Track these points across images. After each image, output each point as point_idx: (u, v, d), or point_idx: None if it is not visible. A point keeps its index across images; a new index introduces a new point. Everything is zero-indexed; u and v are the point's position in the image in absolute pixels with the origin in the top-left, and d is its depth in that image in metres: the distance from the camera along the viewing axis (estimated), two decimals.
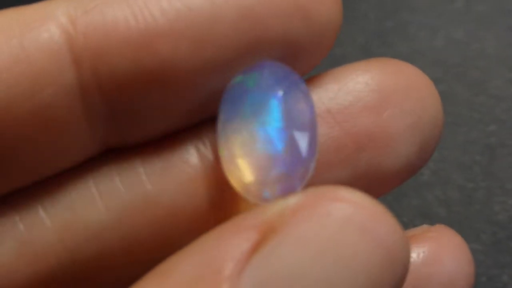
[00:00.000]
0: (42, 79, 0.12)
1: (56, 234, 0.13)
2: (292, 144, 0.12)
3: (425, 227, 0.14)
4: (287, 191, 0.12)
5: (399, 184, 0.14)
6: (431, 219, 0.22)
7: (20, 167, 0.13)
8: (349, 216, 0.10)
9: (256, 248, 0.10)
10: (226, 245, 0.10)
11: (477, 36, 0.25)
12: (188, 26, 0.12)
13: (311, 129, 0.12)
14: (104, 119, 0.13)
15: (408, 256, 0.11)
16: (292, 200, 0.11)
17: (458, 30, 0.25)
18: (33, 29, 0.12)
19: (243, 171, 0.12)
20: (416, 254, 0.14)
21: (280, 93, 0.12)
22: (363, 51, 0.25)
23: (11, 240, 0.13)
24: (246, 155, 0.12)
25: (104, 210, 0.13)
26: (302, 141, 0.12)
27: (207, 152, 0.13)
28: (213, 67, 0.12)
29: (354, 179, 0.13)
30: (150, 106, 0.13)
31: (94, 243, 0.13)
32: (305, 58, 0.13)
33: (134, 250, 0.13)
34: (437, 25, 0.25)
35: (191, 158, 0.13)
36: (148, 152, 0.13)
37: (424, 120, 0.13)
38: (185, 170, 0.13)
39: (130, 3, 0.12)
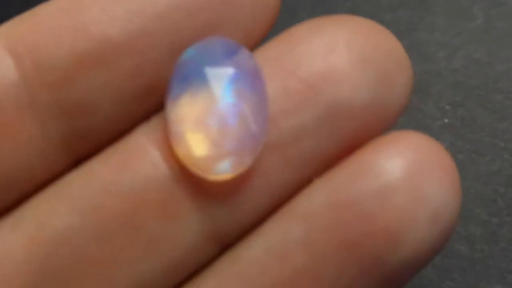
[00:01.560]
0: None
1: (25, 250, 0.13)
2: (243, 119, 0.13)
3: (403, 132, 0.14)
4: (238, 166, 0.13)
5: (375, 121, 0.14)
6: (452, 258, 0.21)
7: None
8: None
9: None
10: None
11: (499, 56, 0.24)
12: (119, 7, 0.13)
13: (262, 104, 0.13)
14: (56, 116, 0.13)
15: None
16: None
17: (479, 50, 0.25)
18: None
19: (194, 146, 0.13)
20: (400, 172, 0.13)
21: (231, 69, 0.13)
22: None
23: None
24: (198, 130, 0.13)
25: (66, 214, 0.13)
26: (253, 116, 0.13)
27: (158, 135, 0.14)
28: (152, 43, 0.13)
29: (317, 122, 0.13)
30: (97, 92, 0.13)
31: (64, 251, 0.13)
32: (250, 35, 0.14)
33: (105, 247, 0.13)
34: (456, 44, 0.25)
35: (143, 144, 0.14)
36: (104, 151, 0.14)
37: (376, 55, 0.14)
38: (137, 156, 0.13)
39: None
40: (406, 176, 0.13)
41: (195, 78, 0.13)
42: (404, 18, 0.25)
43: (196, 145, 0.13)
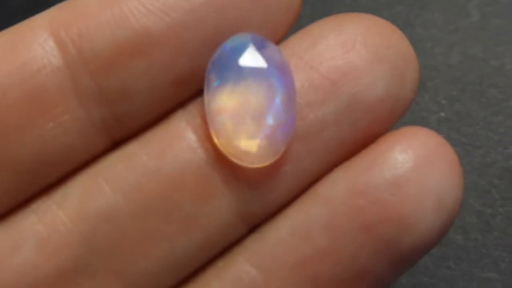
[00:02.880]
0: (31, 67, 0.14)
1: (70, 225, 0.14)
2: (276, 112, 0.14)
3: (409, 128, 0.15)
4: (272, 155, 0.14)
5: (389, 114, 0.15)
6: (448, 247, 0.22)
7: (33, 166, 0.14)
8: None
9: None
10: None
11: (494, 52, 0.25)
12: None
13: (291, 96, 0.14)
14: (97, 100, 0.14)
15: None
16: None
17: (475, 46, 0.25)
18: (21, 34, 0.14)
19: (233, 137, 0.14)
20: (411, 165, 0.14)
21: (264, 64, 0.14)
22: None
23: (30, 239, 0.14)
24: (236, 121, 0.14)
25: (111, 193, 0.14)
26: (284, 108, 0.14)
27: (196, 122, 0.15)
28: (186, 36, 0.14)
29: (339, 114, 0.15)
30: (137, 79, 0.14)
31: (108, 227, 0.14)
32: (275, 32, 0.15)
33: (145, 224, 0.14)
34: (452, 41, 0.25)
35: (182, 130, 0.15)
36: (145, 135, 0.15)
37: (389, 54, 0.15)
38: (177, 141, 0.14)
39: None
40: (416, 168, 0.14)
41: (232, 72, 0.14)
42: (401, 14, 0.26)
43: (235, 136, 0.14)
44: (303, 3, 0.15)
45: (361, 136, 0.15)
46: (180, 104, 0.15)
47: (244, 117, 0.14)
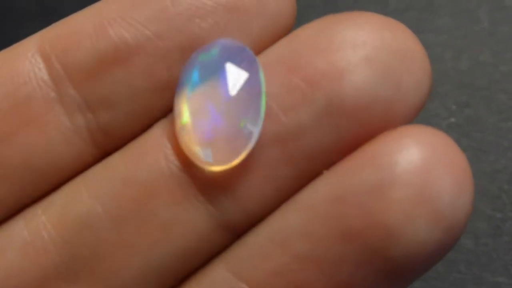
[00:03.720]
0: (18, 79, 0.15)
1: (52, 231, 0.15)
2: (233, 114, 0.14)
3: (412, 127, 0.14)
4: (229, 158, 0.14)
5: (381, 119, 0.14)
6: (458, 251, 0.22)
7: (22, 176, 0.15)
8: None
9: None
10: None
11: (504, 57, 0.25)
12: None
13: (255, 100, 0.14)
14: (82, 110, 0.15)
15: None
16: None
17: (484, 52, 0.25)
18: (13, 52, 0.15)
19: (188, 137, 0.14)
20: (402, 168, 0.13)
21: (228, 65, 0.14)
22: None
23: (16, 244, 0.15)
24: (193, 123, 0.14)
25: (89, 200, 0.15)
26: (244, 112, 0.14)
27: (170, 128, 0.15)
28: (163, 45, 0.14)
29: (318, 118, 0.14)
30: (117, 88, 0.15)
31: (88, 234, 0.14)
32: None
33: (122, 232, 0.14)
34: (462, 46, 0.25)
35: (158, 138, 0.15)
36: (126, 145, 0.15)
37: (382, 50, 0.13)
38: (152, 149, 0.15)
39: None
40: (407, 172, 0.13)
41: (196, 75, 0.14)
42: (411, 20, 0.26)
43: (191, 137, 0.14)
44: (312, 11, 0.15)
45: (346, 142, 0.14)
46: (165, 113, 0.15)
47: (199, 120, 0.14)
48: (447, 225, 0.13)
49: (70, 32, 0.15)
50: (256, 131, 0.14)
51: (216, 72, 0.14)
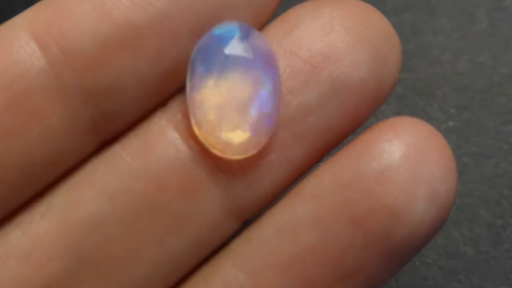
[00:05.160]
0: (13, 71, 0.14)
1: (54, 236, 0.14)
2: (260, 102, 0.14)
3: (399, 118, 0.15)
4: (255, 146, 0.14)
5: (374, 94, 0.15)
6: (458, 259, 0.22)
7: (20, 176, 0.14)
8: None
9: None
10: None
11: (503, 59, 0.25)
12: None
13: (276, 85, 0.14)
14: (84, 100, 0.14)
15: None
16: None
17: (483, 53, 0.25)
18: (1, 38, 0.14)
19: (216, 128, 0.14)
20: (399, 153, 0.14)
21: (249, 53, 0.14)
22: None
23: (15, 253, 0.14)
24: (219, 113, 0.14)
25: (95, 199, 0.14)
26: (269, 98, 0.14)
27: (177, 119, 0.15)
28: (172, 26, 0.14)
29: (323, 98, 0.15)
30: (124, 75, 0.14)
31: (95, 235, 0.14)
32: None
33: (133, 228, 0.14)
34: (460, 48, 0.25)
35: (163, 128, 0.15)
36: (126, 137, 0.15)
37: (369, 34, 0.15)
38: (158, 140, 0.14)
39: None
40: (405, 157, 0.14)
41: (218, 61, 0.14)
42: (408, 21, 0.26)
43: (217, 126, 0.14)
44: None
45: (348, 119, 0.15)
46: (169, 98, 0.15)
47: (227, 107, 0.14)
48: (441, 203, 0.14)
49: (66, 13, 0.14)
50: (277, 116, 0.14)
51: (235, 58, 0.14)
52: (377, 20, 0.15)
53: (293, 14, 0.15)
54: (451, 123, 0.24)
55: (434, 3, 0.26)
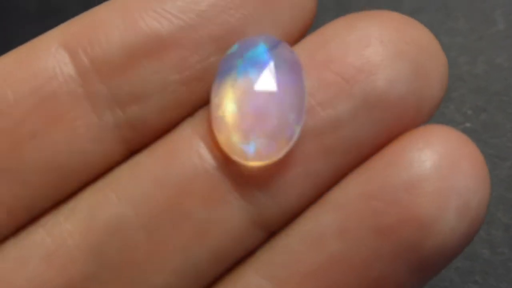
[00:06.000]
0: (42, 75, 0.14)
1: (78, 238, 0.14)
2: (280, 108, 0.14)
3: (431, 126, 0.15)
4: (274, 152, 0.14)
5: (413, 113, 0.14)
6: (474, 261, 0.22)
7: (47, 177, 0.14)
8: None
9: None
10: None
11: None
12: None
13: (299, 94, 0.14)
14: (110, 106, 0.14)
15: None
16: None
17: (501, 55, 0.25)
18: (34, 47, 0.15)
19: (232, 131, 0.14)
20: (430, 163, 0.14)
21: (270, 59, 0.14)
22: None
23: (38, 253, 0.14)
24: (236, 116, 0.14)
25: (119, 204, 0.14)
26: (290, 105, 0.14)
27: (204, 128, 0.15)
28: (196, 37, 0.14)
29: (354, 113, 0.14)
30: (148, 82, 0.14)
31: (117, 240, 0.14)
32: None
33: (155, 235, 0.14)
34: (477, 49, 0.25)
35: (189, 136, 0.15)
36: (153, 144, 0.15)
37: (410, 49, 0.14)
38: (183, 148, 0.15)
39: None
40: (436, 167, 0.14)
41: (236, 67, 0.14)
42: (425, 22, 0.25)
43: (233, 129, 0.14)
44: (324, 13, 0.15)
45: (383, 136, 0.14)
46: (193, 108, 0.15)
47: (244, 111, 0.14)
48: (473, 215, 0.14)
49: (95, 24, 0.15)
50: (298, 128, 0.14)
51: (261, 67, 0.14)
52: (419, 35, 0.15)
53: (330, 28, 0.15)
54: (468, 125, 0.24)
55: (450, 4, 0.26)
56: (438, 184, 0.14)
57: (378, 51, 0.14)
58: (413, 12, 0.26)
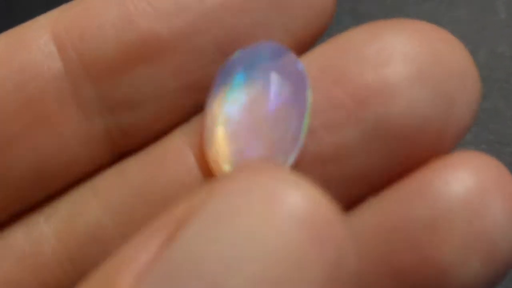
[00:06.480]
0: (29, 71, 0.13)
1: (57, 242, 0.14)
2: (277, 122, 0.13)
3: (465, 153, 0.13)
4: None
5: (434, 142, 0.13)
6: None
7: (29, 181, 0.13)
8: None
9: (160, 250, 0.09)
10: (124, 260, 0.10)
11: None
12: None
13: (300, 109, 0.13)
14: (99, 109, 0.13)
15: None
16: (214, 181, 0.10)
17: (502, 44, 0.25)
18: (21, 36, 0.13)
19: (220, 148, 0.13)
20: (458, 200, 0.12)
21: (272, 71, 0.13)
22: None
23: (14, 254, 0.14)
24: (228, 129, 0.13)
25: (98, 209, 0.13)
26: (288, 120, 0.13)
27: (196, 139, 0.13)
28: (198, 42, 0.13)
29: (364, 140, 0.13)
30: (143, 87, 0.13)
31: (95, 246, 0.13)
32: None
33: None
34: (479, 39, 0.25)
35: (179, 147, 0.13)
36: (142, 151, 0.14)
37: (436, 69, 0.12)
38: (171, 160, 0.13)
39: None
40: (464, 206, 0.12)
41: (234, 79, 0.13)
42: (428, 11, 0.26)
43: (222, 147, 0.13)
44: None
45: (395, 168, 0.13)
46: (188, 117, 0.14)
47: (235, 131, 0.13)
48: (501, 260, 0.12)
49: (90, 17, 0.13)
50: (292, 154, 0.13)
51: (261, 81, 0.13)
52: (451, 52, 0.13)
53: (346, 38, 0.13)
54: None
55: None
56: (464, 226, 0.12)
57: (399, 70, 0.12)
58: (416, 2, 0.26)
